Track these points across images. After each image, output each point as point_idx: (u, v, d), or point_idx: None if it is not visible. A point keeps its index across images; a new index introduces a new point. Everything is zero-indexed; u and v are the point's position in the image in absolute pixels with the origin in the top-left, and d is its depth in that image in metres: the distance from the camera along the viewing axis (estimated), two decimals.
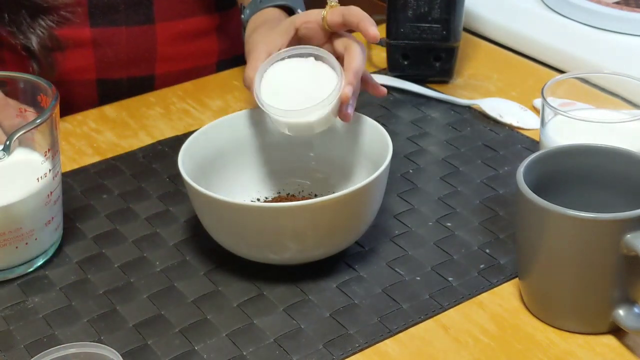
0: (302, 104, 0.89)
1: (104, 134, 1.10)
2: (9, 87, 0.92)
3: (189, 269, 0.89)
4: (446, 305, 0.84)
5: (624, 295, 0.79)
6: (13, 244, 0.87)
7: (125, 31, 1.17)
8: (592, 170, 0.83)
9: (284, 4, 1.06)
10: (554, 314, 0.81)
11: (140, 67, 1.20)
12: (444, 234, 0.92)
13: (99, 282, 0.88)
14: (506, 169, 1.01)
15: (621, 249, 0.75)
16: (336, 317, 0.83)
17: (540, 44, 1.23)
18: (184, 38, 1.21)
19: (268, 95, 0.91)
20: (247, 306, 0.85)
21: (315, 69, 0.92)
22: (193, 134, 0.92)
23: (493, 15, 1.29)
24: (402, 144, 1.06)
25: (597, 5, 1.22)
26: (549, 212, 0.76)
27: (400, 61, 1.18)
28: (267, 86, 0.91)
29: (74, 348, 0.72)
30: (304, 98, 0.89)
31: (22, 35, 1.09)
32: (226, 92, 1.18)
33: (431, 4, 1.13)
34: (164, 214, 0.97)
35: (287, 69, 0.92)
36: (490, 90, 1.16)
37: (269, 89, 0.91)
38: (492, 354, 0.79)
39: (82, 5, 1.14)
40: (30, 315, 0.85)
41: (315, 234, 0.84)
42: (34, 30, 1.09)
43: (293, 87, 0.91)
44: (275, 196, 0.97)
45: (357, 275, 0.88)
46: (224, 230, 0.87)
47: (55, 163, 0.89)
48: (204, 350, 0.80)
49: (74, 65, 1.17)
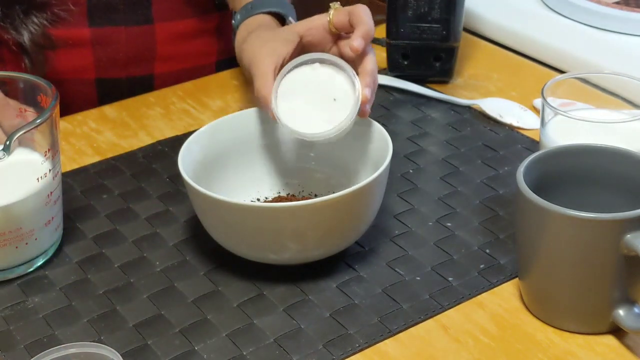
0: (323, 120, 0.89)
1: (104, 134, 1.10)
2: (8, 87, 0.92)
3: (189, 269, 0.89)
4: (446, 305, 0.84)
5: (624, 295, 0.79)
6: (13, 244, 0.87)
7: (124, 31, 1.17)
8: (592, 170, 0.83)
9: (275, 11, 1.05)
10: (554, 314, 0.81)
11: (139, 66, 1.20)
12: (444, 234, 0.92)
13: (99, 282, 0.88)
14: (506, 169, 1.01)
15: (621, 249, 0.75)
16: (336, 317, 0.83)
17: (540, 44, 1.23)
18: (183, 38, 1.21)
19: (286, 113, 0.90)
20: (247, 306, 0.85)
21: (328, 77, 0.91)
22: (193, 134, 0.92)
23: (493, 15, 1.29)
24: (402, 144, 1.06)
25: (597, 5, 1.22)
26: (549, 212, 0.76)
27: (400, 61, 1.18)
28: (283, 103, 0.90)
29: (74, 348, 0.72)
30: (324, 114, 0.89)
31: (15, 31, 1.09)
32: (226, 92, 1.18)
33: (431, 4, 1.13)
34: (164, 214, 0.97)
35: (300, 83, 0.91)
36: (490, 90, 1.16)
37: (286, 106, 0.90)
38: (492, 354, 0.79)
39: (80, 5, 1.14)
40: (30, 315, 0.85)
41: (315, 234, 0.84)
42: (27, 26, 1.09)
43: (311, 102, 0.90)
44: (275, 196, 0.97)
45: (357, 275, 0.88)
46: (224, 230, 0.87)
47: (55, 163, 0.89)
48: (204, 350, 0.80)
49: (72, 65, 1.17)
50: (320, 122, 0.89)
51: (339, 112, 0.89)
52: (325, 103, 0.90)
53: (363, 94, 0.89)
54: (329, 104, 0.90)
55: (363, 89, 0.89)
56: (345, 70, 0.90)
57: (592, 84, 0.95)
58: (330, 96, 0.90)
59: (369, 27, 0.93)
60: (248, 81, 0.97)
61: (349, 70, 0.90)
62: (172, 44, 1.21)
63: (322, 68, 0.92)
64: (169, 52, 1.21)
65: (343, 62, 0.91)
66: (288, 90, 0.91)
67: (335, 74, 0.91)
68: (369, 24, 0.93)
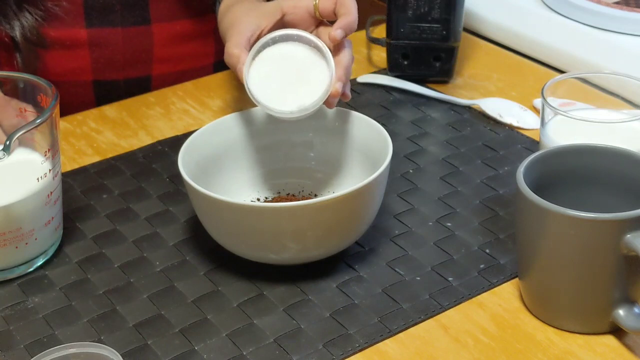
0: (289, 99, 0.89)
1: (104, 134, 1.10)
2: (8, 87, 0.92)
3: (189, 269, 0.89)
4: (446, 305, 0.84)
5: (624, 295, 0.79)
6: (13, 244, 0.87)
7: (121, 32, 1.17)
8: (592, 170, 0.83)
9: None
10: (554, 314, 0.81)
11: (136, 68, 1.20)
12: (444, 234, 0.92)
13: (99, 282, 0.88)
14: (506, 169, 1.01)
15: (621, 249, 0.75)
16: (336, 317, 0.83)
17: (540, 44, 1.23)
18: (180, 39, 1.21)
19: (255, 81, 0.90)
20: (247, 306, 0.85)
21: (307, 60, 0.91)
22: (193, 134, 0.92)
23: (493, 15, 1.29)
24: (402, 144, 1.06)
25: (597, 5, 1.22)
26: (549, 212, 0.76)
27: (400, 61, 1.18)
28: (256, 71, 0.91)
29: (74, 348, 0.72)
30: (292, 94, 0.90)
31: (8, 25, 1.09)
32: (226, 92, 1.18)
33: (431, 4, 1.13)
34: (164, 214, 0.97)
35: (279, 56, 0.91)
36: (490, 90, 1.16)
37: (257, 75, 0.91)
38: (492, 354, 0.79)
39: (76, 4, 1.14)
40: (30, 315, 0.85)
41: (315, 234, 0.84)
42: (19, 21, 1.09)
43: (284, 78, 0.91)
44: (275, 196, 0.97)
45: (357, 275, 0.88)
46: (224, 230, 0.87)
47: (55, 163, 0.89)
48: (204, 350, 0.80)
49: (69, 66, 1.17)
50: (286, 101, 0.90)
51: (307, 97, 0.89)
52: (296, 84, 0.90)
53: (334, 87, 0.89)
54: (300, 85, 0.90)
55: (335, 82, 0.90)
56: (326, 59, 0.90)
57: (592, 84, 0.95)
58: (303, 79, 0.90)
59: (353, 19, 0.93)
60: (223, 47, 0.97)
61: (331, 61, 0.90)
62: (170, 46, 1.20)
63: (303, 49, 0.91)
64: (166, 53, 1.21)
65: (328, 52, 0.91)
66: (265, 60, 0.91)
67: (316, 59, 0.91)
68: (353, 16, 0.94)
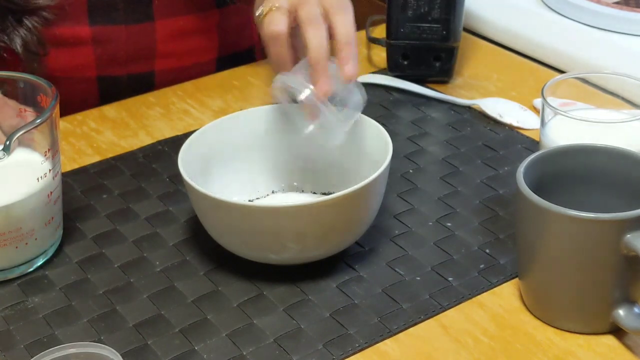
0: None
1: (104, 134, 1.10)
2: (8, 87, 0.92)
3: (189, 269, 0.89)
4: (446, 305, 0.84)
5: (624, 295, 0.79)
6: (13, 244, 0.87)
7: (125, 29, 1.17)
8: (592, 170, 0.83)
9: None
10: (554, 314, 0.81)
11: (140, 64, 1.20)
12: (444, 234, 0.92)
13: (99, 282, 0.88)
14: (506, 169, 1.01)
15: (621, 249, 0.75)
16: (336, 317, 0.83)
17: (540, 44, 1.23)
18: (183, 35, 1.21)
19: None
20: (247, 306, 0.85)
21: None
22: (193, 134, 0.92)
23: (493, 15, 1.29)
24: (402, 144, 1.06)
25: (597, 5, 1.22)
26: (549, 212, 0.76)
27: (400, 61, 1.18)
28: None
29: (74, 348, 0.72)
30: None
31: (7, 37, 1.09)
32: (226, 92, 1.18)
33: (431, 4, 1.13)
34: (164, 214, 0.97)
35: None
36: (490, 90, 1.16)
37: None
38: (492, 354, 0.79)
39: (79, 4, 1.14)
40: (30, 315, 0.85)
41: (315, 234, 0.84)
42: (19, 33, 1.09)
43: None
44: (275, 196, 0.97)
45: (357, 275, 0.88)
46: (224, 230, 0.87)
47: (55, 163, 0.89)
48: (204, 350, 0.80)
49: (74, 63, 1.17)
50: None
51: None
52: None
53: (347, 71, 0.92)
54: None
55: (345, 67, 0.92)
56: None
57: (592, 84, 0.95)
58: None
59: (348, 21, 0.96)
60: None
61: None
62: (173, 41, 1.21)
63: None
64: (169, 49, 1.21)
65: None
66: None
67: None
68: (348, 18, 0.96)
